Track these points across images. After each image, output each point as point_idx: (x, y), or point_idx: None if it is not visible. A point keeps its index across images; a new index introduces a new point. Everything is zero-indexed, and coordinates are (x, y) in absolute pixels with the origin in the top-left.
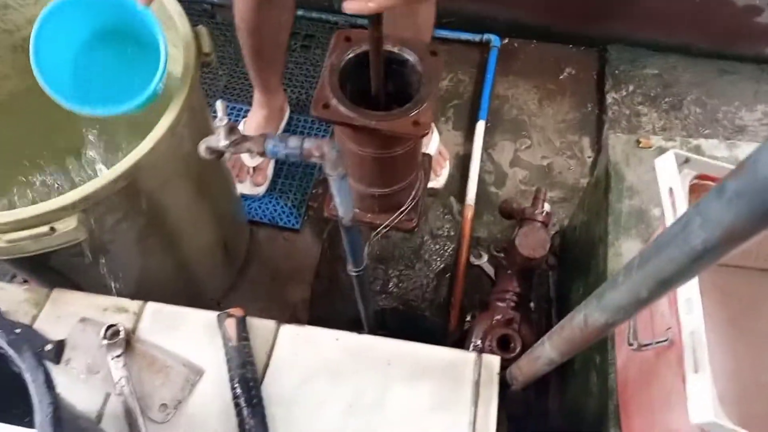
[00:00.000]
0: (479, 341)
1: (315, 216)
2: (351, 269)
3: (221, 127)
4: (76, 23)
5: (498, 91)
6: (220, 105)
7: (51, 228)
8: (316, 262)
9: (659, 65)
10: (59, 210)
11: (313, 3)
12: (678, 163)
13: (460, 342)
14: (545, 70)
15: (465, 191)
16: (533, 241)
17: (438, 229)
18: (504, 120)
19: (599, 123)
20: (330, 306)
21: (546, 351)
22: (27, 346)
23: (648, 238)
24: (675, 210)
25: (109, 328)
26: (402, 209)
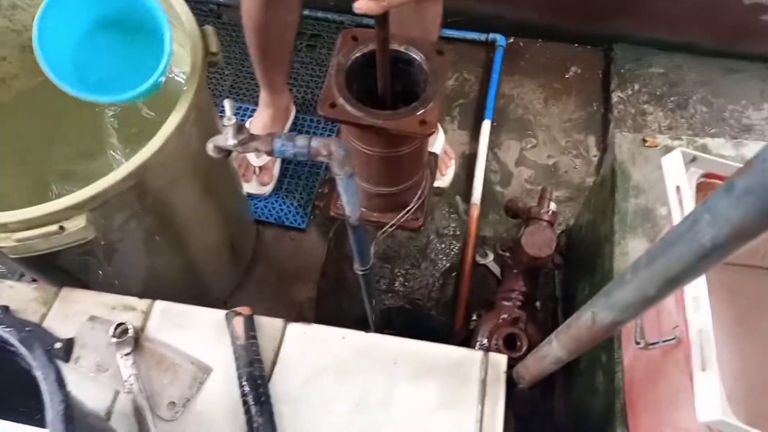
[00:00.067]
0: (485, 340)
1: (321, 215)
2: (357, 268)
3: (229, 126)
4: (78, 11)
5: (503, 91)
6: (228, 104)
7: (60, 227)
8: (322, 261)
9: (665, 64)
10: (68, 209)
11: (319, 3)
12: (685, 162)
13: (465, 341)
14: (551, 69)
15: (471, 190)
16: (539, 240)
17: (444, 229)
18: (509, 119)
19: (605, 122)
20: (336, 305)
21: (553, 349)
22: (38, 343)
23: (654, 237)
24: (682, 208)
25: (118, 326)
26: (408, 208)
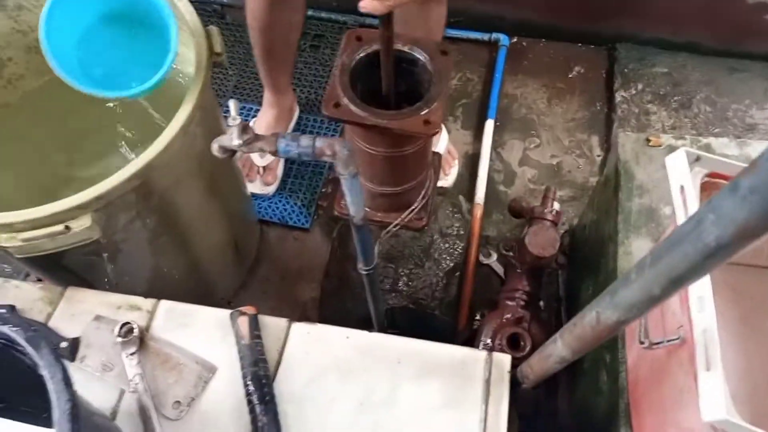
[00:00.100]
0: (489, 340)
1: (325, 215)
2: (361, 268)
3: (234, 126)
4: (83, 5)
5: (507, 90)
6: (233, 104)
7: (66, 227)
8: (325, 261)
9: (668, 63)
10: (74, 209)
11: (323, 3)
12: (689, 162)
13: (469, 341)
14: (554, 68)
15: (474, 190)
16: (543, 240)
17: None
18: (513, 119)
19: (608, 121)
20: (340, 304)
21: (557, 349)
22: (45, 343)
23: (658, 236)
24: (686, 208)
25: (124, 325)
26: (412, 208)
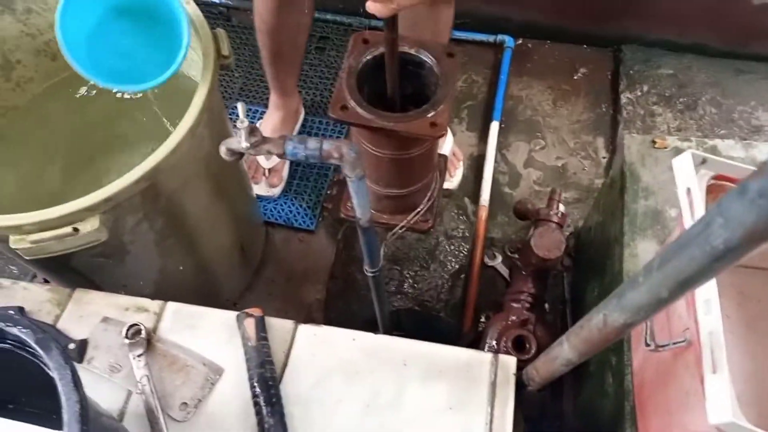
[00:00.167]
0: (494, 342)
1: (330, 217)
2: (367, 270)
3: (242, 129)
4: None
5: (512, 92)
6: (241, 107)
7: (74, 229)
8: (330, 263)
9: (674, 65)
10: (82, 211)
11: (328, 5)
12: (695, 164)
13: (474, 343)
14: (559, 70)
15: (479, 192)
16: (548, 242)
17: (453, 230)
18: (518, 120)
19: (614, 123)
20: (345, 306)
21: (564, 351)
22: (54, 345)
23: (664, 239)
24: (692, 210)
25: (131, 327)
26: (418, 210)
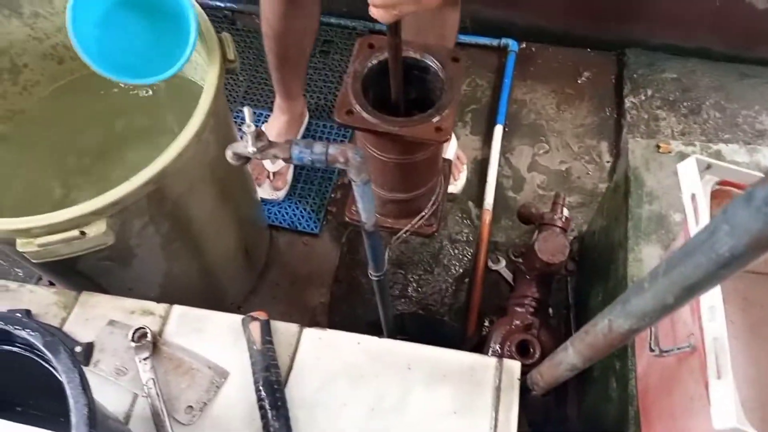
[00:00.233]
0: (498, 346)
1: (334, 220)
2: (372, 274)
3: (249, 134)
4: None
5: (516, 96)
6: (247, 111)
7: (81, 232)
8: (334, 266)
9: (678, 69)
10: (89, 214)
11: (333, 9)
12: (700, 170)
13: (478, 347)
14: (563, 74)
15: (483, 196)
16: (553, 247)
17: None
18: (522, 124)
19: (618, 127)
20: (349, 310)
21: (569, 356)
22: (63, 348)
23: (668, 243)
24: (697, 216)
25: (137, 330)
26: (422, 214)
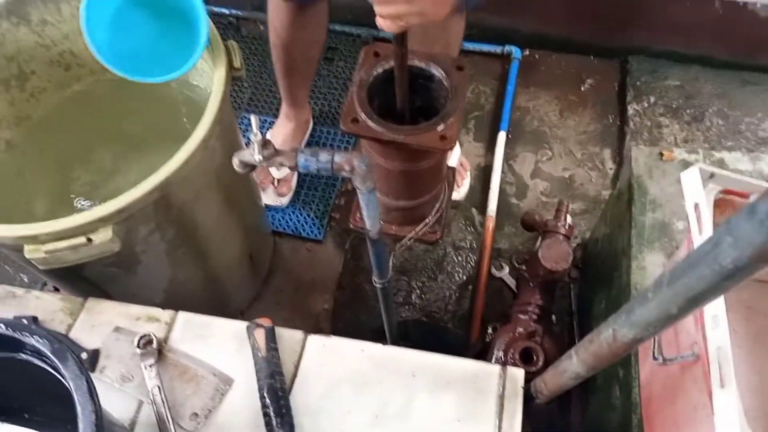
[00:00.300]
0: (501, 354)
1: (337, 227)
2: (376, 281)
3: (256, 142)
4: None
5: (519, 103)
6: (254, 119)
7: (88, 239)
8: (338, 272)
9: (681, 76)
10: (96, 221)
11: (337, 16)
12: (703, 179)
13: (481, 354)
14: (566, 81)
15: (486, 203)
16: (556, 254)
17: (460, 241)
18: (525, 131)
19: (621, 134)
20: (353, 316)
21: (573, 365)
22: (70, 355)
23: (671, 251)
24: (700, 225)
25: (143, 337)
26: (426, 221)
